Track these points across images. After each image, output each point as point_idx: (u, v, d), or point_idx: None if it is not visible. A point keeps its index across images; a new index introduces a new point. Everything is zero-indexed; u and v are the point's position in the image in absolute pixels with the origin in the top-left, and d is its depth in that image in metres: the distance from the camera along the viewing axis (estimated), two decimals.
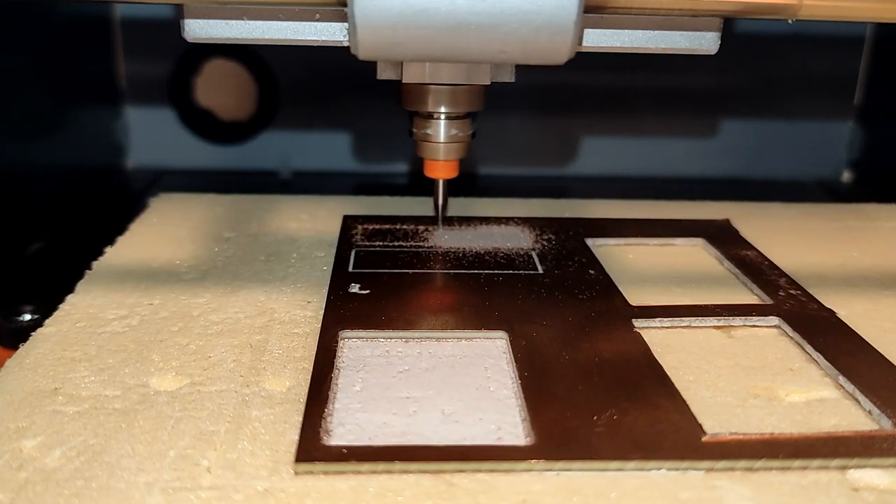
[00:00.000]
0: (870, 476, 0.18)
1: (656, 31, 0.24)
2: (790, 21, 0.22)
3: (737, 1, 0.21)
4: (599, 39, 0.24)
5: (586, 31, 0.23)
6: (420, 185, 0.34)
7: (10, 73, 0.33)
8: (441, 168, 0.30)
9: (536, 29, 0.20)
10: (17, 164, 0.34)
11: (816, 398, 0.21)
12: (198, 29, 0.23)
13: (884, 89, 0.45)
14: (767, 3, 0.21)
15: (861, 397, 0.21)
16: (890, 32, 0.44)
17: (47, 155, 0.37)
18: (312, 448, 0.18)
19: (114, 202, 0.41)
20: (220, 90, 0.45)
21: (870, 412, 0.20)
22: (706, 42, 0.24)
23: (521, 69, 0.27)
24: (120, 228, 0.31)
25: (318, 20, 0.23)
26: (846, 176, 0.48)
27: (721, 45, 0.24)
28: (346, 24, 0.23)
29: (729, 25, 0.43)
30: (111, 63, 0.44)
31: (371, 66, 0.27)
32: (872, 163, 0.46)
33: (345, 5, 0.20)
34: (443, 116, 0.29)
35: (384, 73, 0.28)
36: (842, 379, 0.21)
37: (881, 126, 0.46)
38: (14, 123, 0.33)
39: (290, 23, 0.23)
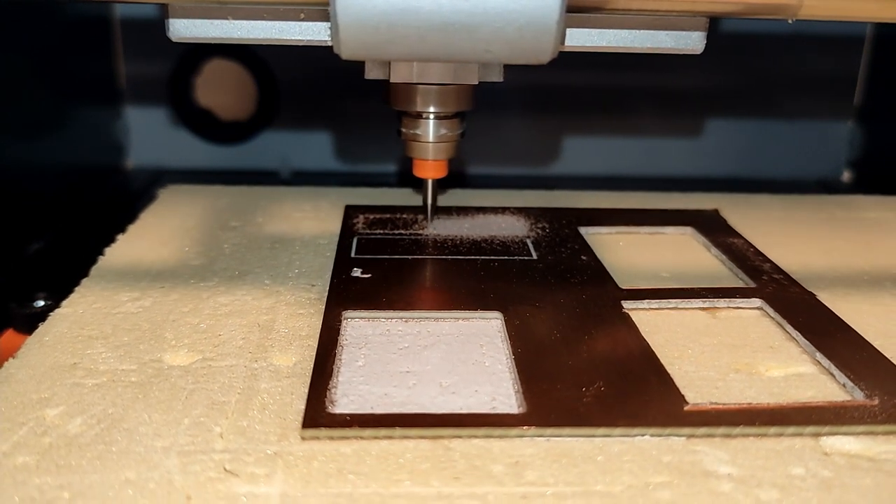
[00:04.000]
0: (841, 442, 0.19)
1: (642, 31, 0.24)
2: (790, 21, 0.22)
3: (737, 1, 0.22)
4: (585, 39, 0.24)
5: (572, 30, 0.24)
6: (416, 184, 0.34)
7: (11, 72, 0.33)
8: (430, 168, 0.31)
9: (519, 28, 0.20)
10: (17, 163, 0.34)
11: (794, 373, 0.22)
12: (182, 29, 0.23)
13: (884, 89, 0.46)
14: (767, 3, 0.22)
15: (836, 372, 0.22)
16: (890, 32, 0.44)
17: (47, 155, 0.37)
18: (318, 415, 0.19)
19: (114, 202, 0.41)
20: (219, 90, 0.45)
21: (844, 385, 0.21)
22: (692, 41, 0.24)
23: (512, 69, 0.28)
24: (120, 228, 0.31)
25: (302, 20, 0.23)
26: (846, 176, 0.48)
27: (720, 44, 0.24)
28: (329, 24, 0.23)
29: (728, 25, 0.44)
30: (111, 63, 0.44)
31: None
32: (872, 163, 0.46)
33: (328, 4, 0.20)
34: (431, 116, 0.29)
35: (372, 73, 0.28)
36: (819, 355, 0.23)
37: (881, 126, 0.46)
38: (14, 123, 0.34)
39: (275, 22, 0.23)
